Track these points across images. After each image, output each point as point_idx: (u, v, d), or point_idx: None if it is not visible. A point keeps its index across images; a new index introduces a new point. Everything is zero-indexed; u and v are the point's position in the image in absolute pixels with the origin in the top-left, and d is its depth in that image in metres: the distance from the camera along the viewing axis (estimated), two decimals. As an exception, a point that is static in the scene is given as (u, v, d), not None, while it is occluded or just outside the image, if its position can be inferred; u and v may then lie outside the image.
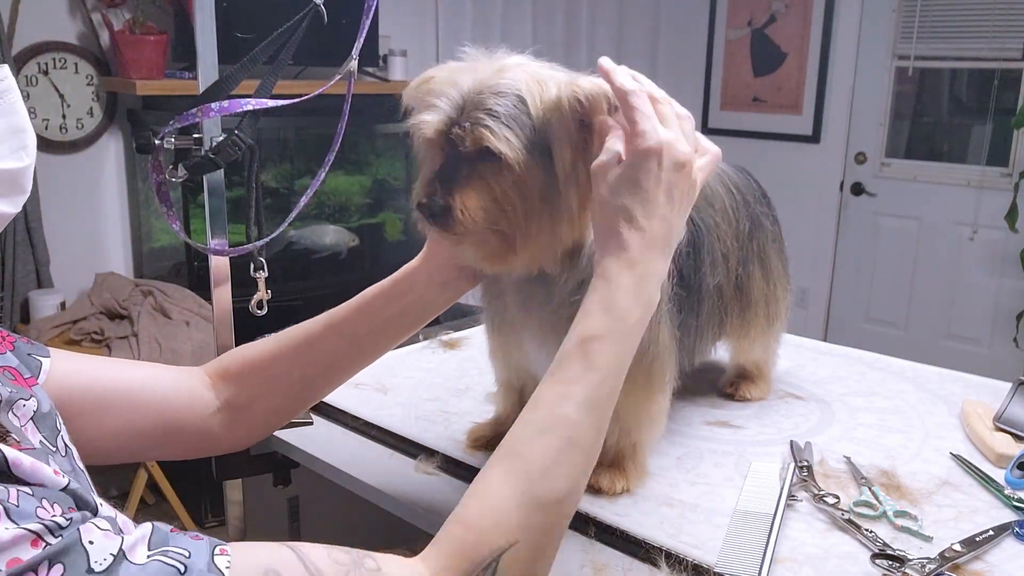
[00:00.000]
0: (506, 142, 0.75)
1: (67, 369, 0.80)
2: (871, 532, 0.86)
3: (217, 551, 0.54)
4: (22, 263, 2.70)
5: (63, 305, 2.76)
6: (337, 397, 1.21)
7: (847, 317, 4.12)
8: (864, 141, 3.95)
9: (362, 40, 0.96)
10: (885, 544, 0.84)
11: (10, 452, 0.50)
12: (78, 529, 0.49)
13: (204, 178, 1.08)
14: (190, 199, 2.75)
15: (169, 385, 0.89)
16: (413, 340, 1.48)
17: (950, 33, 3.65)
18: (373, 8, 0.96)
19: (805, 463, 1.00)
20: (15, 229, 2.65)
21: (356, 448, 1.10)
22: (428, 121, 0.78)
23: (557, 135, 0.76)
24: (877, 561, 0.82)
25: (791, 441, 1.06)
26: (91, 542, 0.49)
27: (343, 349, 0.92)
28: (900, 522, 0.89)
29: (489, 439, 1.05)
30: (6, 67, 0.62)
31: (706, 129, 4.37)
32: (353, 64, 0.98)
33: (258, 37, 0.95)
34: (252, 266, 1.09)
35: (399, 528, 1.00)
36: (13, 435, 0.57)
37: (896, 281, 3.94)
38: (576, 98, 0.76)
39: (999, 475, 0.99)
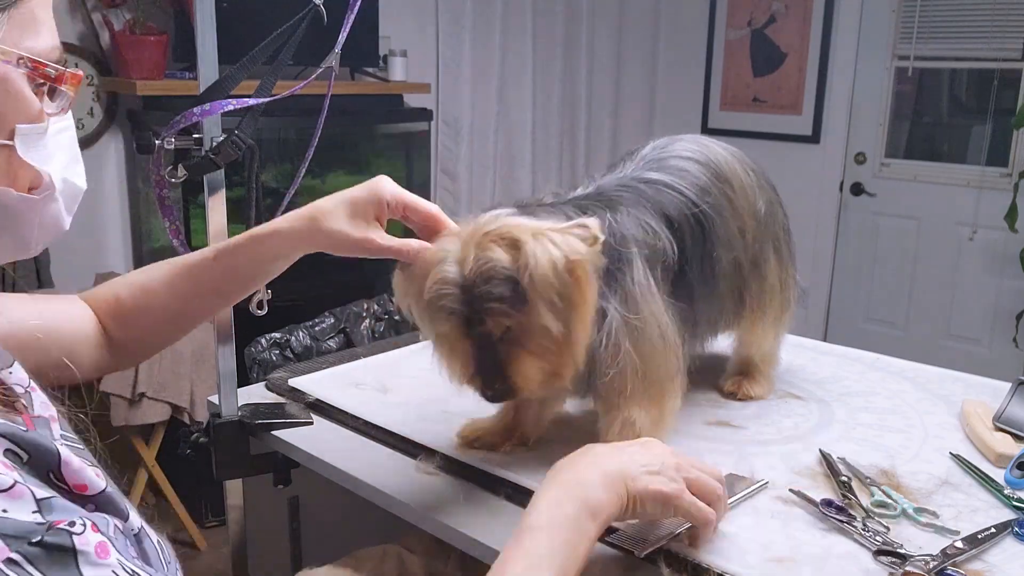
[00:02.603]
0: (515, 317, 0.85)
1: None
2: (868, 530, 0.86)
3: None
4: (22, 263, 2.69)
5: (63, 305, 2.75)
6: (337, 397, 1.22)
7: (847, 317, 4.12)
8: (864, 141, 3.95)
9: (344, 35, 0.96)
10: (885, 543, 0.84)
11: (63, 449, 0.50)
12: None
13: (204, 178, 1.08)
14: (190, 199, 2.75)
15: (69, 325, 0.93)
16: (413, 340, 1.48)
17: (950, 33, 3.65)
18: (357, 5, 0.96)
19: (846, 478, 0.97)
20: (15, 229, 2.65)
21: (356, 448, 1.10)
22: (446, 330, 0.88)
23: (543, 294, 0.84)
24: (879, 558, 0.82)
25: (819, 450, 1.05)
26: None
27: (205, 293, 0.95)
28: (923, 519, 0.89)
29: (477, 439, 1.06)
30: (70, 113, 0.71)
31: (706, 129, 4.37)
32: (335, 60, 0.99)
33: (258, 37, 0.96)
34: (252, 266, 1.09)
35: (399, 528, 1.00)
36: (21, 400, 0.57)
37: (896, 281, 3.94)
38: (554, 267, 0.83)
39: (999, 475, 0.99)
